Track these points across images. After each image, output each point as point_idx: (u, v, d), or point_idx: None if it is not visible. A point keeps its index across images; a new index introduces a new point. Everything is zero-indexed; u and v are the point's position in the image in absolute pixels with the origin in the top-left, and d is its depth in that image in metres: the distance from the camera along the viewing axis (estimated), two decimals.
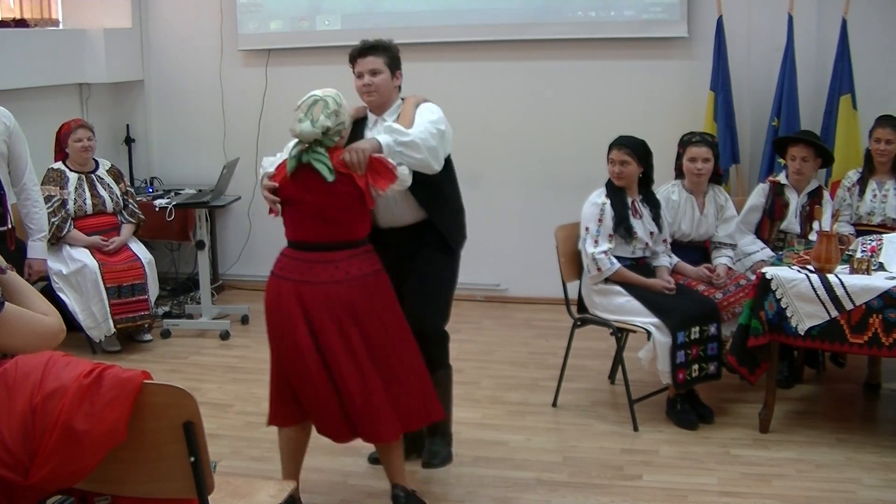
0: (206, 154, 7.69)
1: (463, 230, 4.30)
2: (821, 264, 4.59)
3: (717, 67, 6.59)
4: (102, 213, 6.35)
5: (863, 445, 4.63)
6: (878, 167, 5.54)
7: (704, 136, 5.31)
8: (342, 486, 4.35)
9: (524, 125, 7.16)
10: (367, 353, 3.72)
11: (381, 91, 4.02)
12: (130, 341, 6.43)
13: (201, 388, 5.57)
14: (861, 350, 4.54)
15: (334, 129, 3.67)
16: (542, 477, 4.41)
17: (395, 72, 4.07)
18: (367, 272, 3.77)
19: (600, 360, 5.74)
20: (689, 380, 4.87)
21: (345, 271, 3.72)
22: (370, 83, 3.99)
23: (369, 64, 4.00)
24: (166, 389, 2.46)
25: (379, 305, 3.78)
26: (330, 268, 3.72)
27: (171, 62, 7.81)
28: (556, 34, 6.97)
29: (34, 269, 5.25)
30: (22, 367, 2.43)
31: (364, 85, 4.01)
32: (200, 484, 2.51)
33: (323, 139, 3.66)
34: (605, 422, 5.03)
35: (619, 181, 5.00)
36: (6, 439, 2.34)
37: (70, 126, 6.32)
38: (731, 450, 4.64)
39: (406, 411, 3.81)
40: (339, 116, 3.70)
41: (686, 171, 5.25)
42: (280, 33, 7.46)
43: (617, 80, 7.00)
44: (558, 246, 5.17)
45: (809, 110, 6.52)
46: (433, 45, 7.06)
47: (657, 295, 4.94)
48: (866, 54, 6.41)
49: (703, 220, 5.31)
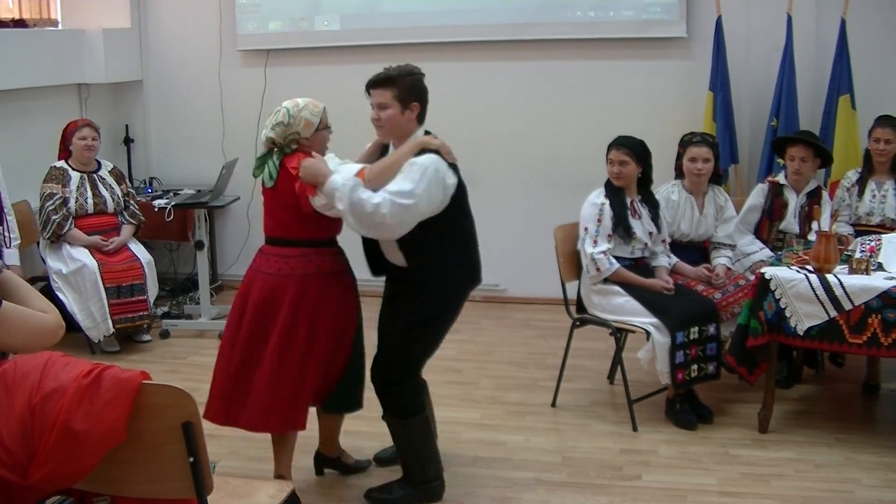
0: (205, 154, 7.68)
1: (444, 296, 4.02)
2: (820, 264, 4.60)
3: (716, 67, 6.59)
4: (103, 212, 6.35)
5: (862, 445, 4.64)
6: (878, 167, 5.55)
7: (705, 137, 5.31)
8: (341, 485, 4.34)
9: (523, 125, 7.16)
10: (278, 345, 3.91)
11: (388, 127, 3.94)
12: (129, 341, 6.43)
13: (200, 389, 5.47)
14: (860, 350, 4.54)
15: (280, 138, 3.93)
16: (541, 477, 4.41)
17: (410, 104, 3.89)
18: (311, 272, 3.95)
19: (599, 361, 5.74)
20: (688, 380, 4.87)
21: (291, 267, 3.95)
22: (377, 118, 3.94)
23: (377, 97, 3.92)
24: (165, 390, 2.46)
25: (313, 305, 3.94)
26: (280, 262, 3.96)
27: (170, 62, 7.81)
28: (555, 34, 6.97)
29: None
30: (21, 367, 2.43)
31: (373, 119, 3.97)
32: (199, 484, 2.51)
33: (282, 146, 3.94)
34: (604, 422, 5.03)
35: (618, 181, 5.00)
36: (5, 440, 2.34)
37: (76, 124, 6.35)
38: (730, 450, 4.64)
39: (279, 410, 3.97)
40: (289, 128, 3.91)
41: (686, 172, 5.25)
42: (279, 33, 7.46)
43: (616, 81, 7.00)
44: (557, 246, 5.17)
45: (808, 110, 6.52)
46: (432, 46, 7.06)
47: (656, 295, 4.94)
48: (865, 54, 6.41)
49: (703, 220, 5.31)
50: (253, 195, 7.31)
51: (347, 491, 4.31)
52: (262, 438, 4.77)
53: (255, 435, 4.85)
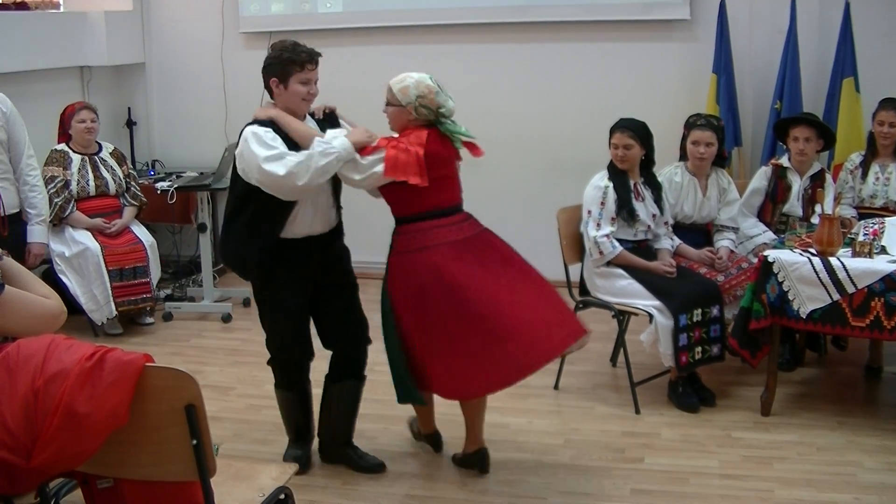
0: (207, 137, 7.66)
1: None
2: (823, 247, 4.59)
3: (720, 50, 6.56)
4: (105, 195, 6.35)
5: (864, 428, 4.64)
6: (881, 150, 5.53)
7: (710, 120, 5.29)
8: (343, 471, 4.34)
9: (525, 108, 7.14)
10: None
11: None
12: (132, 324, 6.44)
13: (203, 371, 5.58)
14: (863, 333, 4.54)
15: None
16: (544, 459, 4.42)
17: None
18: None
19: (602, 343, 5.74)
20: (691, 362, 4.88)
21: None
22: (314, 93, 4.06)
23: (316, 73, 4.05)
24: (168, 372, 2.47)
25: None
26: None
27: (172, 45, 7.79)
28: (558, 16, 6.94)
29: (34, 252, 5.26)
30: (24, 350, 2.43)
31: (310, 95, 4.04)
32: (202, 466, 2.52)
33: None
34: (606, 404, 5.04)
35: (623, 164, 4.98)
36: (8, 422, 2.35)
37: (74, 108, 6.34)
38: (733, 432, 4.65)
39: None
40: None
41: (689, 154, 5.24)
42: (282, 16, 7.43)
43: (619, 63, 6.98)
44: (560, 229, 5.17)
45: (812, 93, 6.49)
46: (433, 28, 7.06)
47: (659, 278, 4.93)
48: (869, 37, 6.38)
49: (706, 202, 5.31)
50: None
51: (348, 475, 4.32)
52: (263, 421, 4.80)
53: (258, 417, 4.89)
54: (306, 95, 3.99)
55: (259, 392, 5.21)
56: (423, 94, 3.92)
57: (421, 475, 4.31)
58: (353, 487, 4.18)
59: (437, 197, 3.95)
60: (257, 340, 6.08)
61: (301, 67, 3.95)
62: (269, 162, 3.79)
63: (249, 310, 6.81)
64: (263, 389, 5.27)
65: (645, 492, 4.09)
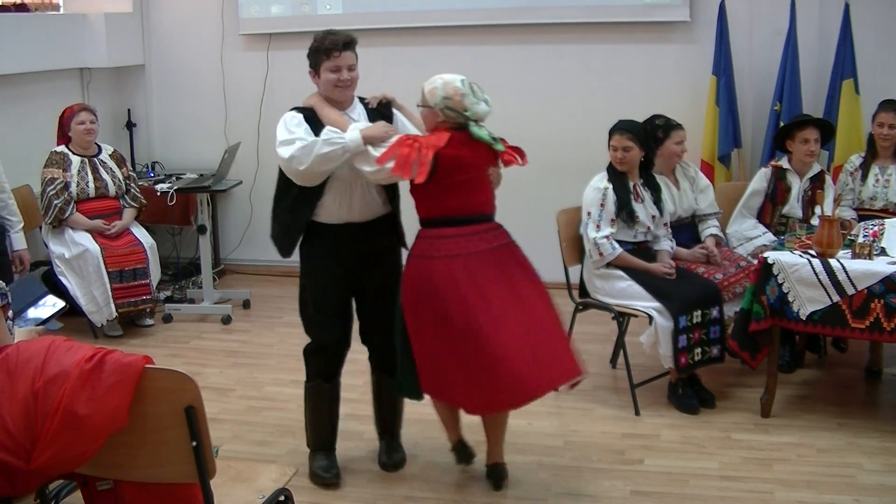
0: (207, 138, 7.67)
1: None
2: (822, 249, 4.59)
3: (719, 51, 6.57)
4: (105, 196, 6.35)
5: (864, 430, 4.64)
6: (881, 152, 5.53)
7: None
8: (343, 471, 4.34)
9: (525, 110, 7.12)
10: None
11: (354, 86, 4.12)
12: (132, 326, 6.43)
13: (203, 373, 5.57)
14: (862, 335, 4.54)
15: None
16: (544, 461, 4.41)
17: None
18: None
19: (602, 345, 5.74)
20: (691, 364, 4.88)
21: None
22: (349, 79, 4.04)
23: (350, 59, 4.05)
24: (168, 374, 2.47)
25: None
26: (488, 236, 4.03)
27: (172, 46, 7.79)
28: (557, 18, 6.94)
29: (24, 259, 5.30)
30: (23, 351, 2.43)
31: (344, 81, 4.03)
32: (202, 468, 2.52)
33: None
34: (606, 406, 5.04)
35: (622, 167, 4.98)
36: (8, 424, 2.35)
37: (73, 109, 6.32)
38: (733, 434, 4.65)
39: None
40: None
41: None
42: (281, 17, 7.43)
43: (619, 65, 6.97)
44: (560, 230, 5.17)
45: (811, 95, 6.50)
46: (433, 30, 7.05)
47: (658, 279, 4.93)
48: (869, 39, 6.38)
49: (682, 194, 5.33)
50: (255, 179, 7.32)
51: (348, 476, 4.33)
52: (263, 423, 4.80)
53: (257, 419, 4.89)
54: (337, 82, 4.00)
55: (259, 394, 5.21)
56: (450, 96, 3.92)
57: (421, 477, 4.30)
58: (353, 489, 4.18)
59: (457, 202, 3.93)
60: (257, 342, 6.12)
61: (328, 56, 3.98)
62: (281, 146, 3.89)
63: (249, 311, 6.82)
64: (263, 391, 5.28)
65: (645, 493, 4.09)
